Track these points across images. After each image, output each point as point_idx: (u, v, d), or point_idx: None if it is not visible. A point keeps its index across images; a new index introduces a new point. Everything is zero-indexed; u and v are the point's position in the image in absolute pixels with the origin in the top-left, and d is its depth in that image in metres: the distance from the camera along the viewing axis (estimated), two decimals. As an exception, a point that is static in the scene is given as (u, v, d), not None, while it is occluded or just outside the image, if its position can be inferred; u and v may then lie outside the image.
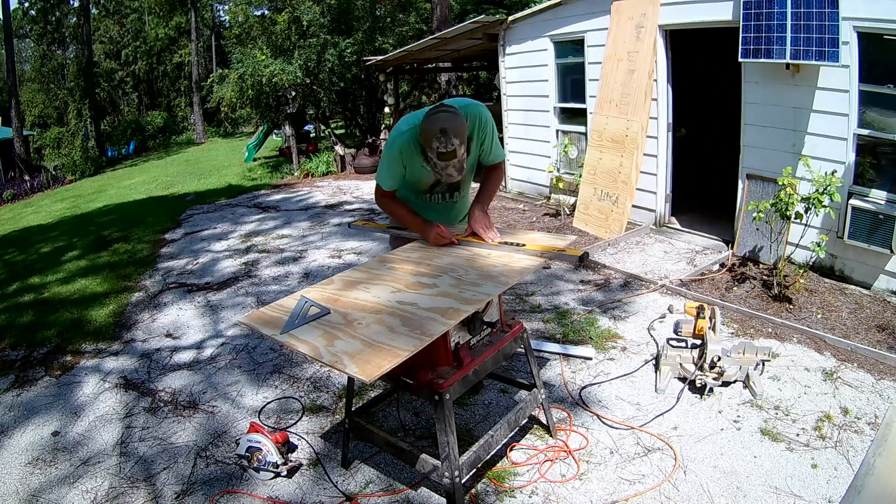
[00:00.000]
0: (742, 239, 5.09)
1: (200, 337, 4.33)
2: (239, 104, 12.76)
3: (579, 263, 2.75)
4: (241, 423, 3.17)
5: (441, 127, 2.37)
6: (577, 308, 4.41)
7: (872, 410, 2.96)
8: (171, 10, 33.14)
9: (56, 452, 3.03)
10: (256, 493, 2.63)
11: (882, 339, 3.65)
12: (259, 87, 11.73)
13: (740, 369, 3.18)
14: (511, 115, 8.08)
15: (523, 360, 3.50)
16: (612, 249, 5.70)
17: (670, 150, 5.91)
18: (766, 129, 4.87)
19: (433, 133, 2.37)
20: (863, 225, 4.26)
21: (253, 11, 18.78)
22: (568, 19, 6.68)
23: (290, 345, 1.91)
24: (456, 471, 2.22)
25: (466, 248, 2.66)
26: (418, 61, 11.65)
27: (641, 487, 2.54)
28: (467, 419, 3.09)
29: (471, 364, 2.35)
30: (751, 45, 4.54)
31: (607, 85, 6.14)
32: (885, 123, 4.19)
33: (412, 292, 2.20)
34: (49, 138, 24.15)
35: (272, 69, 11.50)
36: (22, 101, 28.20)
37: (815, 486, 2.48)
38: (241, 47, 13.11)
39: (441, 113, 2.43)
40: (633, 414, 3.07)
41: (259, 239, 6.96)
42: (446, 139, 2.37)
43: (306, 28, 13.07)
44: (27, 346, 4.34)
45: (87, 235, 8.07)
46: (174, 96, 35.77)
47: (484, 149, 2.72)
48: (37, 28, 31.81)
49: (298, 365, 3.76)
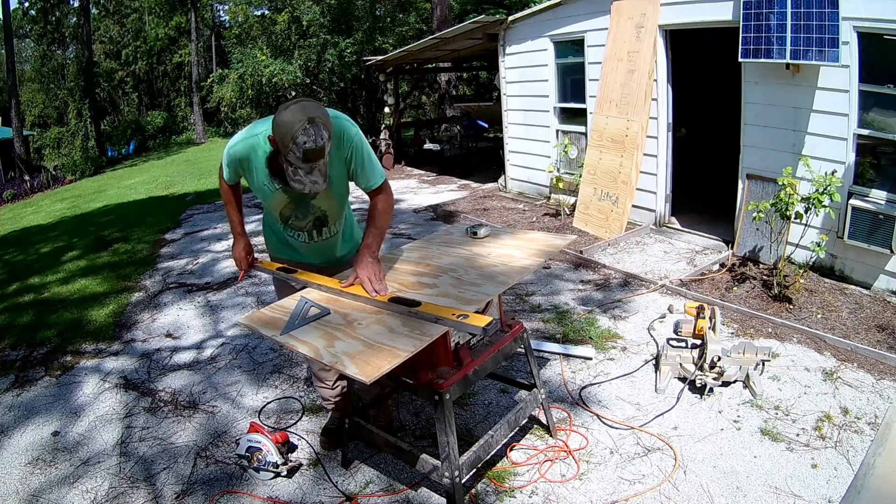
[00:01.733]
0: (742, 239, 5.09)
1: (200, 337, 4.33)
2: (239, 104, 12.79)
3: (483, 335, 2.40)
4: (241, 423, 3.17)
5: (309, 115, 1.91)
6: (576, 308, 4.41)
7: (872, 410, 2.96)
8: (171, 10, 33.12)
9: (56, 452, 3.03)
10: (256, 493, 2.63)
11: (882, 339, 3.65)
12: (259, 87, 11.76)
13: (740, 369, 3.18)
14: (511, 115, 8.08)
15: (523, 360, 3.50)
16: (612, 249, 5.70)
17: (670, 150, 5.91)
18: (766, 129, 4.87)
19: (298, 124, 1.90)
20: (863, 225, 4.26)
21: (253, 11, 18.80)
22: (568, 19, 6.68)
23: (291, 345, 1.91)
24: (456, 471, 2.22)
25: (466, 248, 2.66)
26: (418, 61, 11.65)
27: (641, 487, 2.53)
28: (467, 419, 3.09)
29: (471, 364, 2.35)
30: (751, 45, 4.54)
31: (607, 85, 6.14)
32: (885, 123, 4.19)
33: (412, 292, 2.20)
34: (49, 138, 24.17)
35: (272, 69, 11.52)
36: (22, 101, 28.20)
37: (815, 486, 2.48)
38: (241, 47, 13.15)
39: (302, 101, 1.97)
40: (633, 414, 3.07)
41: (259, 239, 6.92)
42: (315, 130, 1.91)
43: (306, 28, 13.10)
44: (27, 346, 4.34)
45: (87, 235, 8.06)
46: (174, 96, 35.74)
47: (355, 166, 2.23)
48: (37, 28, 31.79)
49: (298, 365, 3.76)
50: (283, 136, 1.93)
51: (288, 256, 2.57)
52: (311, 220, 2.39)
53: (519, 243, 2.69)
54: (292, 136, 1.91)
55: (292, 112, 1.92)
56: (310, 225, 2.39)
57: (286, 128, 1.91)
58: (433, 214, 7.62)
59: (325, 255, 2.53)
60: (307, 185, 2.00)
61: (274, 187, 2.22)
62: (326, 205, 2.37)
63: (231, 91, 12.34)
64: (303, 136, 1.90)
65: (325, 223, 2.42)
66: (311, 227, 2.40)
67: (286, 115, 1.93)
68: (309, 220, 2.38)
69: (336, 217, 2.44)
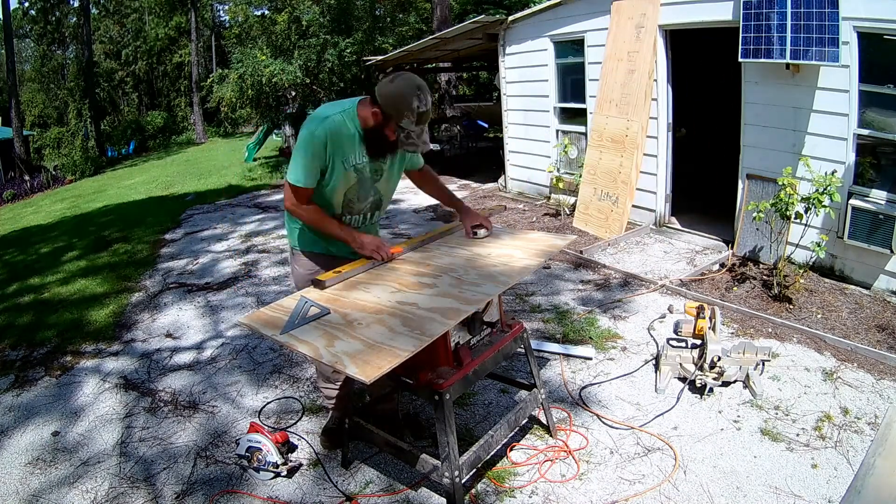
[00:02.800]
0: (742, 239, 5.09)
1: (200, 337, 4.33)
2: (239, 104, 12.78)
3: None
4: (241, 423, 3.17)
5: (417, 84, 2.15)
6: (576, 308, 4.41)
7: (872, 410, 2.96)
8: (171, 10, 33.15)
9: (56, 453, 3.03)
10: (256, 493, 2.63)
11: (882, 339, 3.65)
12: (259, 87, 11.75)
13: (740, 369, 3.18)
14: (511, 115, 8.08)
15: (523, 360, 3.50)
16: (612, 249, 5.70)
17: (670, 150, 5.91)
18: (766, 129, 4.87)
19: (411, 91, 2.13)
20: (863, 225, 4.26)
21: (253, 11, 18.81)
22: (568, 19, 6.68)
23: (291, 345, 1.91)
24: (456, 471, 2.22)
25: (466, 248, 2.66)
26: (418, 61, 11.65)
27: (641, 487, 2.53)
28: (467, 419, 3.09)
29: (471, 364, 2.35)
30: (751, 45, 4.54)
31: (607, 85, 6.14)
32: (885, 123, 4.19)
33: (412, 292, 2.20)
34: (49, 138, 24.17)
35: (272, 69, 11.51)
36: (22, 101, 28.21)
37: (815, 486, 2.47)
38: (241, 47, 13.14)
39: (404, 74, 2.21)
40: (633, 414, 3.07)
41: (259, 239, 6.95)
42: (425, 95, 2.15)
43: (306, 28, 13.09)
44: (27, 347, 4.34)
45: (87, 236, 8.06)
46: (174, 96, 35.75)
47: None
48: (37, 28, 31.81)
49: (298, 365, 3.76)
50: (397, 103, 2.13)
51: (322, 250, 2.59)
52: (371, 202, 2.52)
53: (519, 243, 2.69)
54: (408, 103, 2.12)
55: (403, 83, 2.13)
56: (367, 207, 2.52)
57: (402, 96, 2.12)
58: (433, 214, 7.62)
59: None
60: (421, 145, 2.23)
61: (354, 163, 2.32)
62: (385, 187, 2.53)
63: (231, 91, 12.32)
64: (416, 102, 2.12)
65: (380, 205, 2.57)
66: (369, 209, 2.53)
67: (398, 86, 2.14)
68: (368, 202, 2.51)
69: (388, 200, 2.62)
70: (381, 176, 2.48)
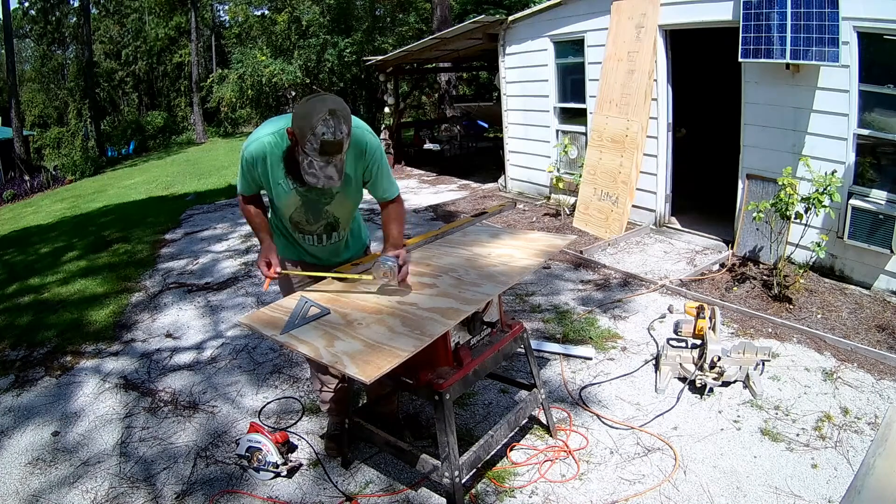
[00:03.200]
0: (742, 239, 5.09)
1: (200, 337, 4.33)
2: (239, 104, 12.80)
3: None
4: (242, 423, 3.17)
5: (330, 108, 1.87)
6: (576, 308, 4.41)
7: (872, 410, 2.96)
8: (171, 10, 33.13)
9: (56, 453, 3.03)
10: (256, 493, 2.63)
11: (882, 339, 3.65)
12: (259, 87, 11.77)
13: (740, 369, 3.18)
14: (511, 115, 8.08)
15: (523, 360, 3.50)
16: (612, 249, 5.70)
17: (670, 150, 5.91)
18: (766, 129, 4.87)
19: (319, 114, 1.86)
20: (863, 225, 4.26)
21: (253, 11, 18.80)
22: (568, 19, 6.68)
23: (291, 345, 1.91)
24: (456, 471, 2.22)
25: (466, 248, 2.66)
26: (418, 61, 11.65)
27: (641, 487, 2.53)
28: (467, 419, 3.09)
29: (471, 364, 2.35)
30: (751, 45, 4.54)
31: (607, 85, 6.14)
32: (885, 123, 4.19)
33: (412, 292, 2.20)
34: (49, 138, 24.17)
35: (272, 69, 11.52)
36: (22, 101, 28.19)
37: (815, 486, 2.48)
38: (241, 47, 13.15)
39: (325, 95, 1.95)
40: (633, 414, 3.07)
41: (254, 240, 6.94)
42: (336, 123, 1.87)
43: (306, 28, 13.10)
44: (27, 347, 4.34)
45: (87, 236, 8.06)
46: (174, 96, 35.73)
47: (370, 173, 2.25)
48: (37, 28, 31.80)
49: (298, 365, 3.76)
50: (302, 125, 1.89)
51: (295, 256, 2.56)
52: (323, 224, 2.37)
53: (519, 243, 2.69)
54: (311, 127, 1.87)
55: (314, 103, 1.89)
56: (321, 229, 2.38)
57: (306, 117, 1.88)
58: (433, 214, 7.62)
59: (332, 254, 2.53)
60: (321, 179, 1.95)
61: (289, 187, 2.17)
62: (340, 211, 2.36)
63: (231, 91, 12.35)
64: (322, 127, 1.87)
65: (336, 228, 2.41)
66: (322, 231, 2.39)
67: (308, 105, 1.90)
68: (320, 225, 2.37)
69: (347, 223, 2.44)
70: (332, 199, 2.28)
